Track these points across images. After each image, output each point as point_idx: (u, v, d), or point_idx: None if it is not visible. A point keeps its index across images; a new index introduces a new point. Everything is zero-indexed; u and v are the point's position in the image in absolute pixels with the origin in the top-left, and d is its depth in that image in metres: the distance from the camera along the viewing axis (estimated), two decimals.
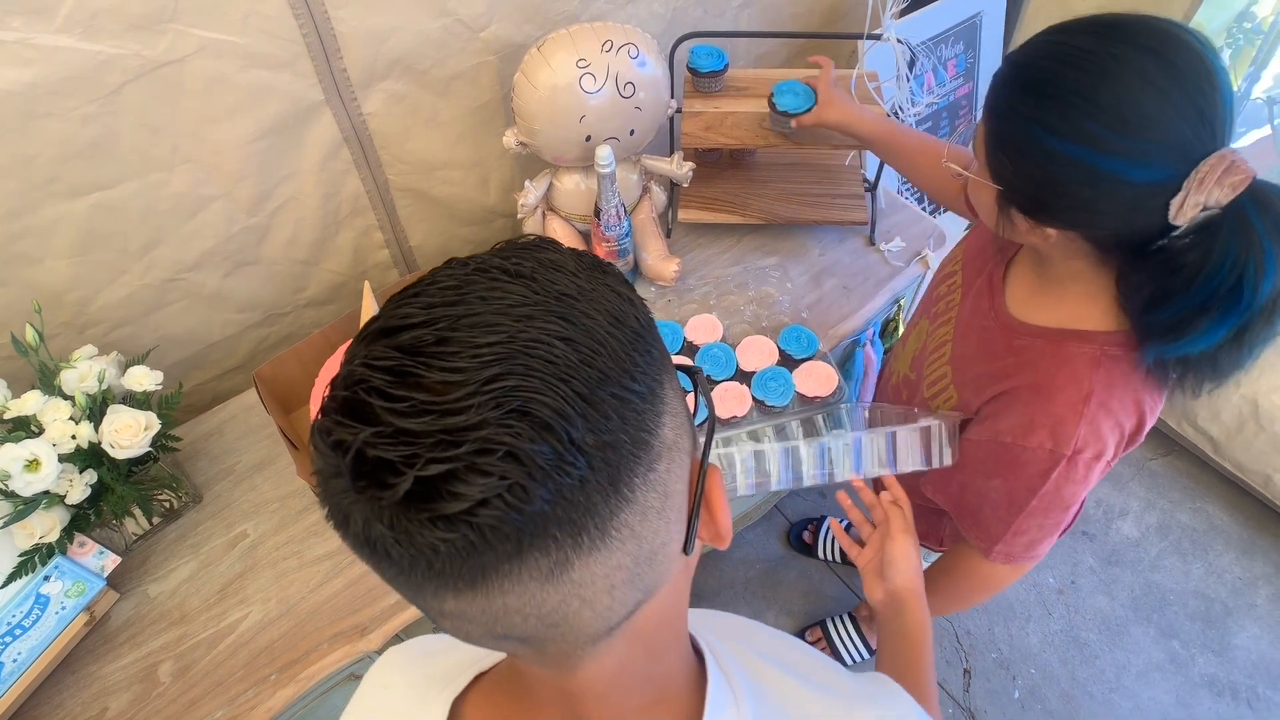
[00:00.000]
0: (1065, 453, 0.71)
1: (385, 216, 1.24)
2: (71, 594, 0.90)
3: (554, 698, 0.40)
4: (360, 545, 0.31)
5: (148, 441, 0.90)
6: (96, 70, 0.86)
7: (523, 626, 0.32)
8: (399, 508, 0.28)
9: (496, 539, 0.29)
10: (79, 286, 1.01)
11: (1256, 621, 1.61)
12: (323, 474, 0.31)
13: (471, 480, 0.28)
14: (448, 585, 0.30)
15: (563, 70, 1.03)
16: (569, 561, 0.31)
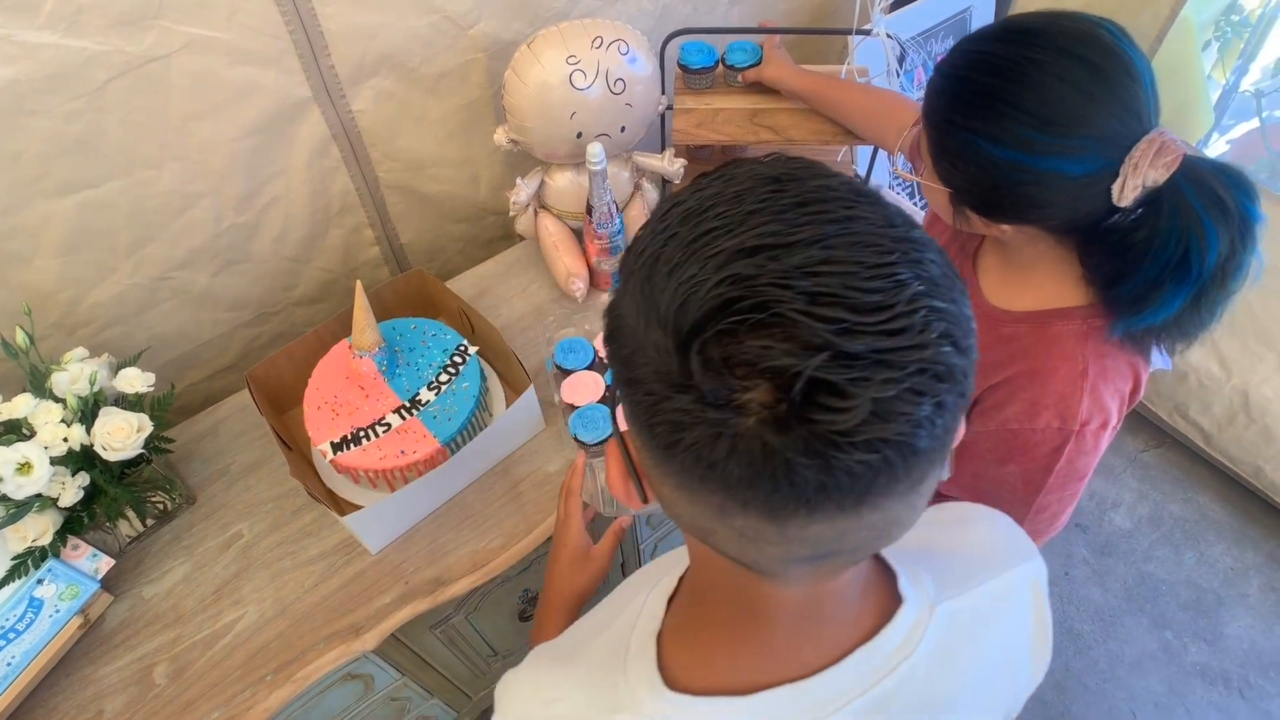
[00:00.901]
0: (1073, 428, 0.72)
1: (375, 214, 1.24)
2: (65, 597, 0.89)
3: (791, 613, 0.41)
4: (745, 474, 0.29)
5: (140, 443, 0.90)
6: (81, 67, 0.85)
7: (858, 540, 0.33)
8: (828, 433, 0.28)
9: (904, 458, 0.29)
10: (68, 286, 1.00)
11: (1248, 611, 1.63)
12: (696, 395, 0.29)
13: (909, 401, 0.28)
14: (829, 508, 0.30)
15: (553, 67, 1.03)
16: (926, 476, 0.32)
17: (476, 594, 1.10)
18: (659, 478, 0.36)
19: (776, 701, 0.42)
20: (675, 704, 0.44)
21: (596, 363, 1.11)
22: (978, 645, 0.47)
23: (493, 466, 1.07)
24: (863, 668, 0.43)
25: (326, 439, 0.98)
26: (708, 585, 0.45)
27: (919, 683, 0.44)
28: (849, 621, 0.44)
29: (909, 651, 0.44)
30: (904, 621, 0.44)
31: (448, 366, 1.05)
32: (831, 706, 0.42)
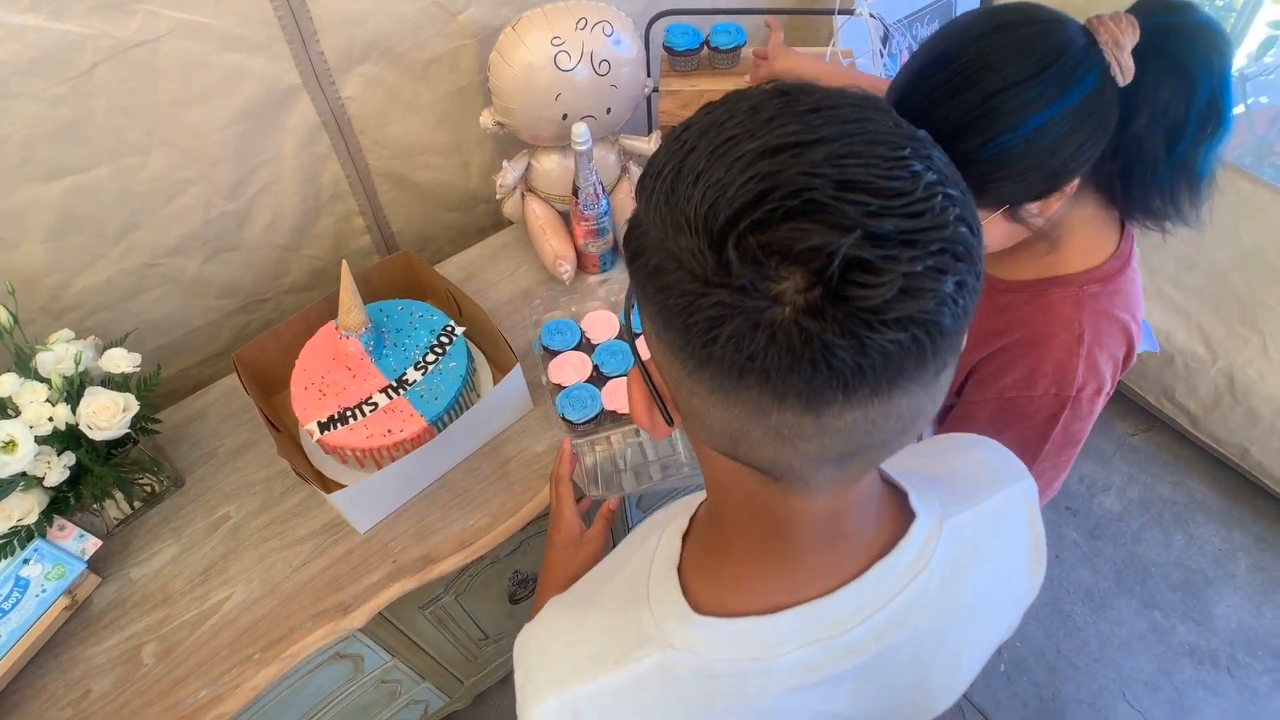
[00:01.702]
0: (1070, 394, 0.74)
1: (366, 202, 1.24)
2: (52, 577, 0.89)
3: (814, 528, 0.42)
4: (783, 361, 0.31)
5: (127, 423, 0.90)
6: (66, 50, 0.85)
7: (888, 432, 0.34)
8: (862, 311, 0.29)
9: (930, 337, 0.31)
10: (55, 271, 1.00)
11: (1236, 591, 1.64)
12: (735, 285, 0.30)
13: (934, 278, 0.30)
14: (864, 393, 0.31)
15: (538, 48, 1.04)
16: (947, 364, 0.34)
17: (465, 574, 1.10)
18: (691, 389, 0.36)
19: (802, 619, 0.44)
20: (704, 628, 0.44)
21: (583, 343, 1.12)
22: (982, 557, 0.49)
23: (480, 447, 1.07)
24: (882, 582, 0.45)
25: (313, 419, 0.98)
26: (729, 512, 0.45)
27: (933, 594, 0.46)
28: (866, 537, 0.45)
29: (924, 564, 0.45)
30: (918, 535, 0.46)
31: (434, 347, 1.05)
32: (854, 620, 0.44)
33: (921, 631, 0.47)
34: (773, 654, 0.44)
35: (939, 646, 0.49)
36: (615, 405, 1.04)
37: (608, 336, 1.11)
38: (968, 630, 0.50)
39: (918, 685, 0.50)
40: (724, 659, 0.44)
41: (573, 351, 1.10)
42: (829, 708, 0.48)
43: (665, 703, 0.45)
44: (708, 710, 0.45)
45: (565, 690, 0.46)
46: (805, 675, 0.45)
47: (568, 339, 1.11)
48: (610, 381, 1.06)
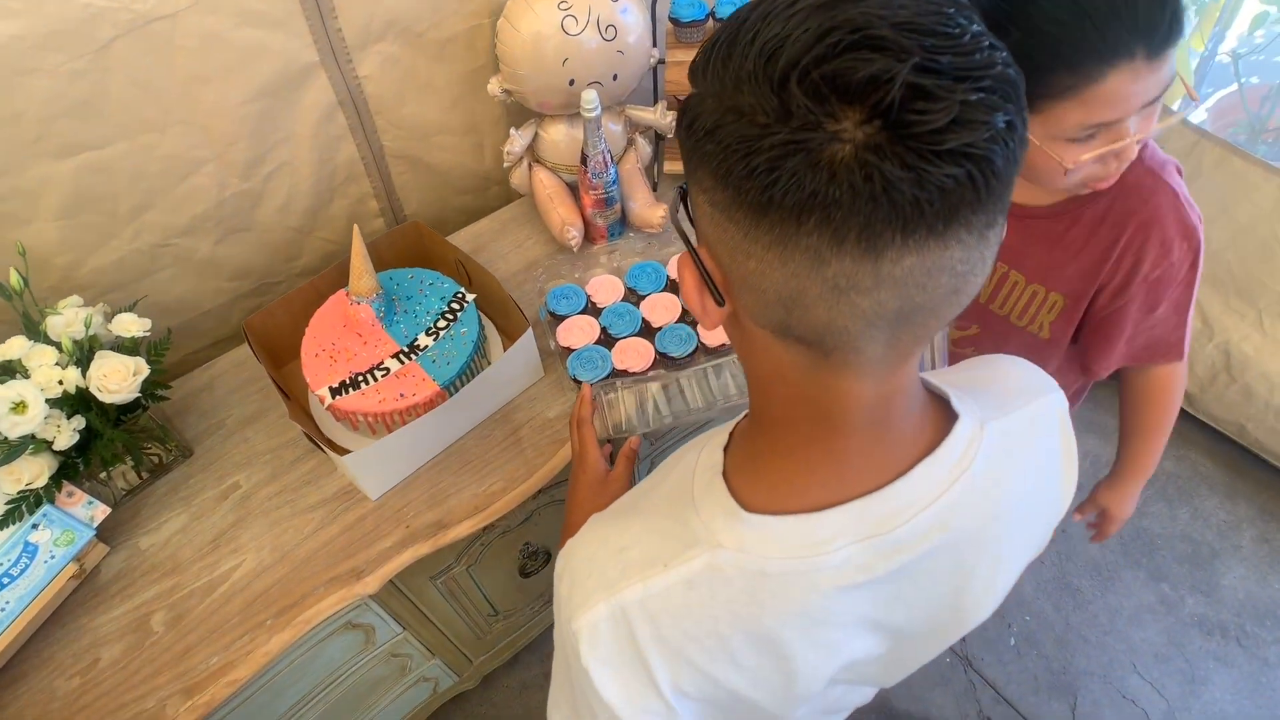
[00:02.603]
0: (1198, 239, 0.80)
1: (380, 184, 1.22)
2: (60, 543, 0.88)
3: (861, 415, 0.42)
4: (843, 195, 0.31)
5: (137, 387, 0.89)
6: (85, 24, 0.83)
7: (941, 289, 0.35)
8: (914, 141, 0.31)
9: (986, 177, 0.32)
10: (67, 250, 0.98)
11: (1242, 562, 1.64)
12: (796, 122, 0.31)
13: (987, 110, 0.31)
14: (920, 231, 0.32)
15: (546, 13, 1.04)
16: (996, 220, 0.35)
17: (477, 545, 1.09)
18: (747, 251, 0.36)
19: (850, 516, 0.44)
20: (753, 526, 0.44)
21: (589, 307, 1.11)
22: (1020, 461, 0.50)
23: (492, 414, 1.06)
24: (929, 479, 0.45)
25: (325, 384, 0.97)
26: (775, 409, 0.45)
27: (977, 494, 0.46)
28: (911, 434, 0.45)
29: (968, 464, 0.46)
30: (962, 434, 0.46)
31: (445, 313, 1.04)
32: (902, 518, 0.44)
33: (965, 534, 0.47)
34: (822, 551, 0.44)
35: (980, 551, 0.49)
36: (626, 364, 1.03)
37: (614, 299, 1.11)
38: (1007, 536, 0.50)
39: (957, 594, 0.51)
40: (774, 557, 0.44)
41: (580, 315, 1.10)
42: (873, 613, 0.48)
43: (714, 604, 0.45)
44: (757, 611, 0.45)
45: (614, 595, 0.46)
46: (854, 575, 0.45)
47: (574, 304, 1.11)
48: (619, 342, 1.06)
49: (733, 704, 0.50)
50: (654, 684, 0.47)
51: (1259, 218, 1.58)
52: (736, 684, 0.48)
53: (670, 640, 0.46)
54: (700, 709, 0.50)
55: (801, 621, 0.46)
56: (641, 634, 0.46)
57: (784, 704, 0.51)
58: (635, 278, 1.13)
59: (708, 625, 0.45)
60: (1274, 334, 1.63)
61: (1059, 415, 0.54)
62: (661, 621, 0.46)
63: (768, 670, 0.48)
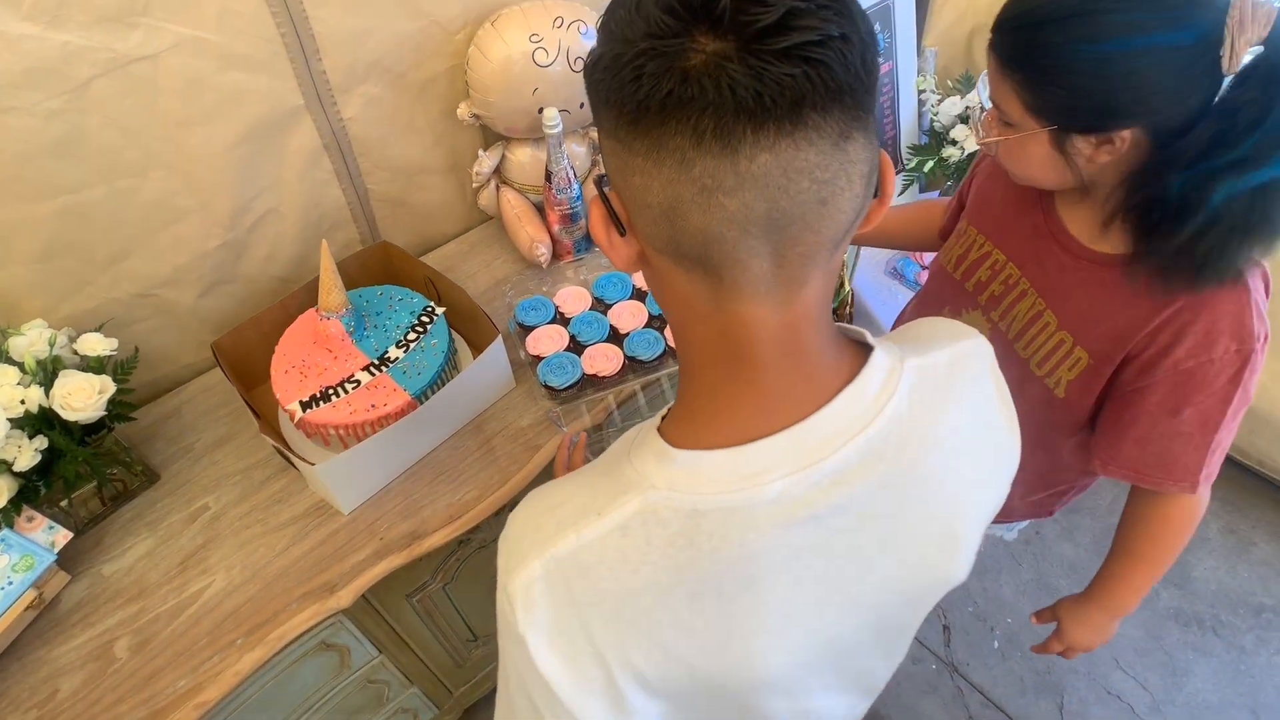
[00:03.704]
0: (1253, 346, 0.71)
1: (367, 228, 1.22)
2: (19, 568, 0.85)
3: (771, 344, 0.43)
4: (695, 92, 0.35)
5: (102, 405, 0.88)
6: (63, 62, 0.83)
7: (805, 194, 0.38)
8: (754, 41, 0.35)
9: (824, 79, 0.35)
10: (40, 294, 0.96)
11: (1211, 554, 1.67)
12: (656, 33, 0.36)
13: (819, 17, 0.35)
14: (768, 127, 0.36)
15: (516, 44, 1.08)
16: (850, 133, 0.38)
17: (453, 559, 1.08)
18: (631, 166, 0.40)
19: (778, 447, 0.44)
20: (683, 463, 0.44)
21: (558, 317, 1.13)
22: (950, 396, 0.50)
23: (464, 425, 1.06)
24: (852, 408, 0.45)
25: (295, 399, 0.97)
26: (694, 351, 0.46)
27: (905, 423, 0.47)
28: (831, 368, 0.46)
29: (890, 393, 0.46)
30: (879, 364, 0.47)
31: (415, 326, 1.05)
32: (831, 446, 0.44)
33: (904, 467, 0.47)
34: (756, 484, 0.43)
35: (927, 490, 0.49)
36: (595, 369, 1.05)
37: (582, 308, 1.13)
38: (954, 476, 0.50)
39: (917, 543, 0.50)
40: (707, 493, 0.44)
41: (549, 325, 1.11)
42: (827, 569, 0.47)
43: (651, 549, 0.44)
44: (695, 555, 0.44)
45: (547, 550, 0.45)
46: (792, 510, 0.44)
47: (543, 314, 1.13)
48: (588, 348, 1.08)
49: (695, 692, 0.48)
50: (597, 653, 0.45)
51: None
52: (688, 654, 0.46)
53: (609, 594, 0.44)
54: (664, 708, 0.48)
55: (744, 569, 0.45)
56: (578, 588, 0.44)
57: (749, 686, 0.49)
58: (602, 287, 1.16)
59: (645, 574, 0.44)
60: None
61: (985, 359, 0.54)
62: (598, 573, 0.44)
63: (719, 634, 0.46)
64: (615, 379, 1.06)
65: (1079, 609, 0.98)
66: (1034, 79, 0.68)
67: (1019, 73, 0.68)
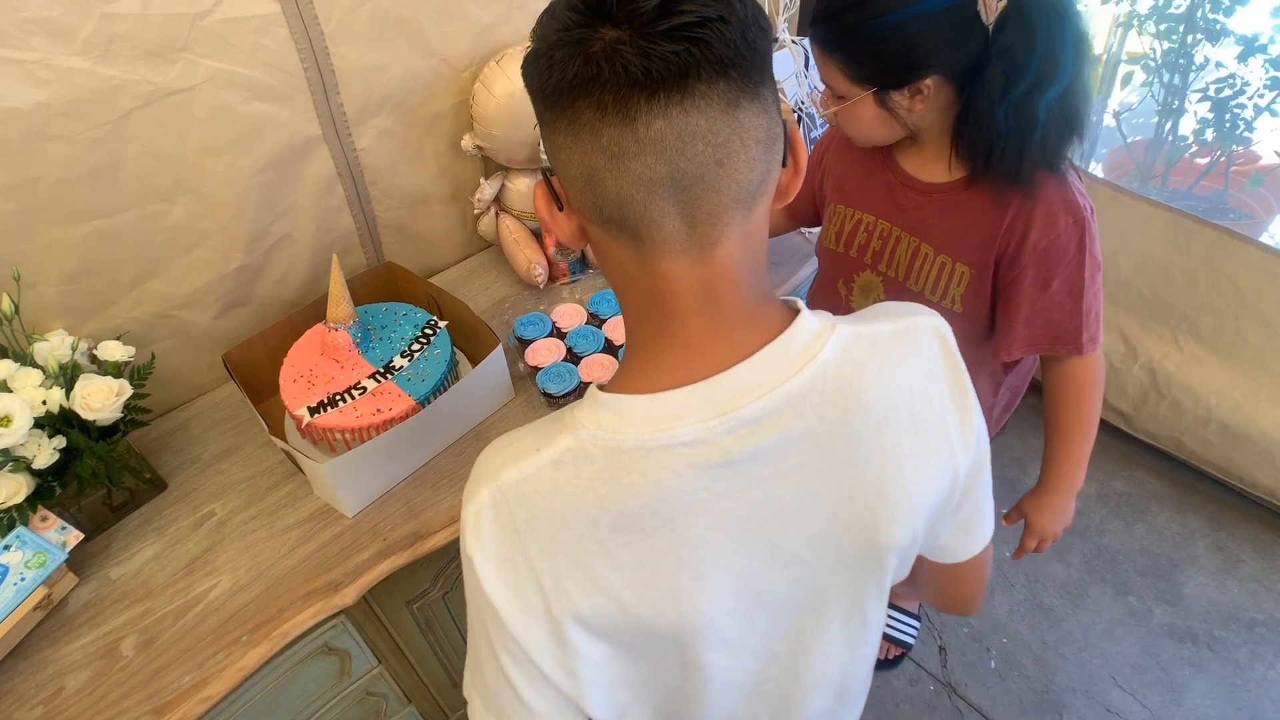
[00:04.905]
0: (1085, 215, 0.87)
1: (374, 253, 1.29)
2: (32, 565, 0.87)
3: (691, 299, 0.48)
4: (595, 72, 0.42)
5: (119, 407, 0.92)
6: (108, 94, 0.89)
7: (701, 157, 0.43)
8: (643, 27, 0.41)
9: (705, 54, 0.42)
10: (65, 314, 1.00)
11: (1200, 570, 1.69)
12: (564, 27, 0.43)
13: (694, 3, 0.41)
14: (659, 96, 0.42)
15: (519, 81, 1.15)
16: (738, 102, 0.43)
17: (454, 566, 1.10)
18: (558, 145, 0.46)
19: (695, 394, 0.48)
20: (609, 406, 0.49)
21: (555, 331, 1.19)
22: (886, 366, 0.51)
23: (465, 434, 1.10)
24: (773, 362, 0.48)
25: (303, 405, 1.01)
26: (630, 313, 0.51)
27: (830, 383, 0.49)
28: (757, 325, 0.49)
29: (815, 352, 0.49)
30: (806, 325, 0.50)
31: (419, 338, 1.11)
32: (747, 398, 0.48)
33: (827, 424, 0.49)
34: (671, 427, 0.47)
35: (854, 448, 0.50)
36: (592, 377, 1.10)
37: (577, 323, 1.19)
38: (889, 438, 0.51)
39: (845, 502, 0.51)
40: (627, 433, 0.48)
41: (546, 339, 1.17)
42: (748, 515, 0.50)
43: (579, 481, 0.48)
44: (617, 490, 0.48)
45: (494, 481, 0.50)
46: (707, 453, 0.47)
47: (540, 329, 1.18)
48: (584, 359, 1.13)
49: (631, 635, 0.51)
50: (536, 579, 0.49)
51: (1154, 247, 1.76)
52: (617, 587, 0.49)
53: (544, 522, 0.49)
54: (605, 651, 0.51)
55: (664, 507, 0.48)
56: (518, 515, 0.49)
57: (680, 630, 0.51)
58: (597, 304, 1.22)
59: (575, 505, 0.48)
60: (1189, 350, 1.77)
61: (938, 339, 0.55)
62: (534, 502, 0.49)
63: (644, 570, 0.49)
64: None
65: (1038, 500, 1.07)
66: (849, 56, 0.84)
67: (838, 53, 0.85)
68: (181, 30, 0.92)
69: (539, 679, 0.52)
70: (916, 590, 0.71)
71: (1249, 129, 1.82)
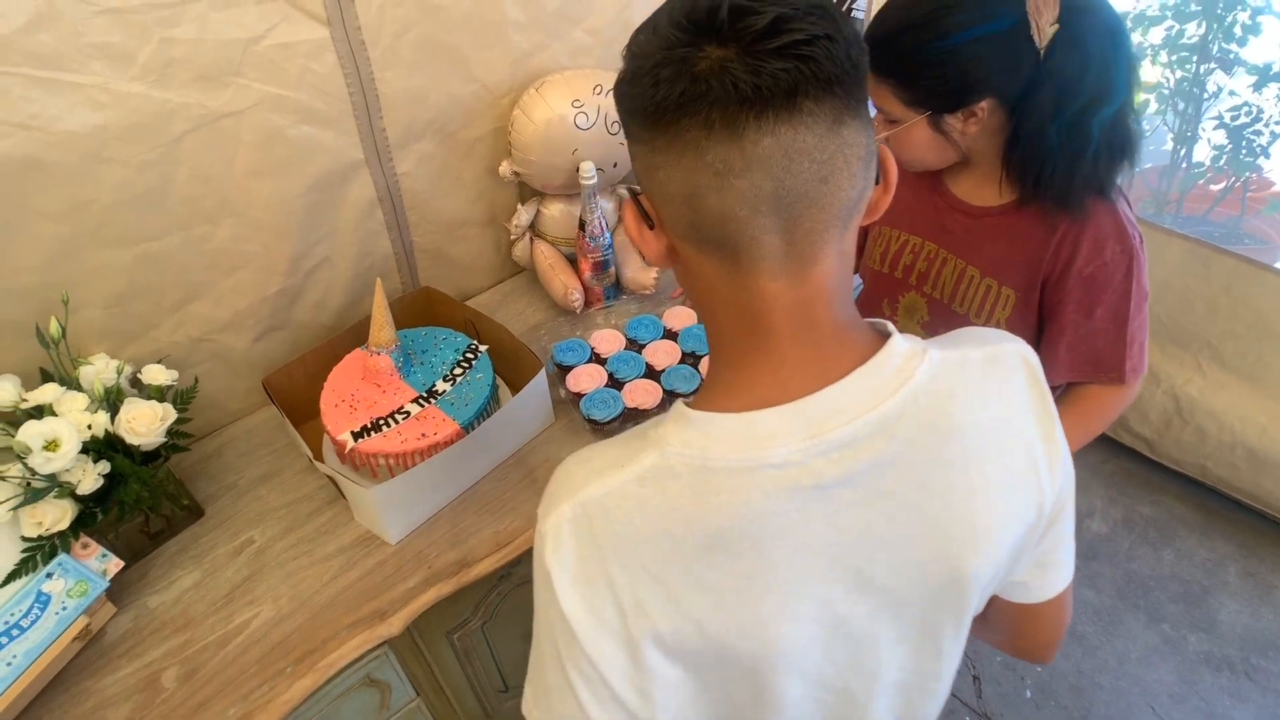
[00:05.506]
0: (1134, 244, 0.87)
1: (410, 279, 1.29)
2: (74, 594, 0.85)
3: (785, 318, 0.47)
4: (704, 90, 0.42)
5: (163, 431, 0.91)
6: (163, 118, 0.89)
7: (807, 174, 0.43)
8: (752, 44, 0.41)
9: (814, 72, 0.42)
10: (109, 338, 0.99)
11: (1232, 597, 1.68)
12: (668, 45, 0.43)
13: (806, 20, 0.42)
14: (767, 114, 0.42)
15: (558, 106, 1.18)
16: (843, 119, 0.44)
17: (494, 594, 1.08)
18: (655, 163, 0.46)
19: (787, 415, 0.47)
20: (697, 423, 0.48)
21: (594, 357, 1.18)
22: (976, 392, 0.50)
23: (505, 458, 1.09)
24: (866, 385, 0.47)
25: (346, 429, 1.00)
26: (718, 332, 0.51)
27: (923, 410, 0.48)
28: (849, 347, 0.49)
29: (908, 376, 0.48)
30: (898, 348, 0.49)
31: (460, 362, 1.10)
32: (840, 419, 0.47)
33: (918, 450, 0.48)
34: (762, 448, 0.46)
35: (944, 475, 0.49)
36: (636, 402, 1.09)
37: (616, 349, 1.18)
38: (976, 467, 0.50)
39: (932, 532, 0.50)
40: (715, 452, 0.47)
41: (586, 365, 1.16)
42: (839, 542, 0.48)
43: (664, 499, 0.47)
44: (704, 509, 0.47)
45: (576, 495, 0.49)
46: (798, 476, 0.46)
47: (579, 355, 1.18)
48: (627, 384, 1.12)
49: (708, 658, 0.50)
50: (615, 597, 0.48)
51: (1172, 274, 1.77)
52: (699, 609, 0.48)
53: (626, 539, 0.48)
54: (680, 674, 0.50)
55: (752, 529, 0.47)
56: (600, 531, 0.48)
57: (759, 656, 0.49)
58: (635, 329, 1.22)
59: (660, 524, 0.47)
60: (1212, 375, 1.77)
61: (1024, 365, 0.54)
62: (617, 518, 0.48)
63: (729, 592, 0.48)
64: (655, 412, 1.09)
65: None
66: (903, 79, 0.85)
67: (891, 78, 0.86)
68: (235, 54, 0.93)
69: (609, 699, 0.50)
70: (987, 631, 0.69)
71: (1264, 155, 1.85)
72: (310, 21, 0.98)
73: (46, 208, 0.88)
